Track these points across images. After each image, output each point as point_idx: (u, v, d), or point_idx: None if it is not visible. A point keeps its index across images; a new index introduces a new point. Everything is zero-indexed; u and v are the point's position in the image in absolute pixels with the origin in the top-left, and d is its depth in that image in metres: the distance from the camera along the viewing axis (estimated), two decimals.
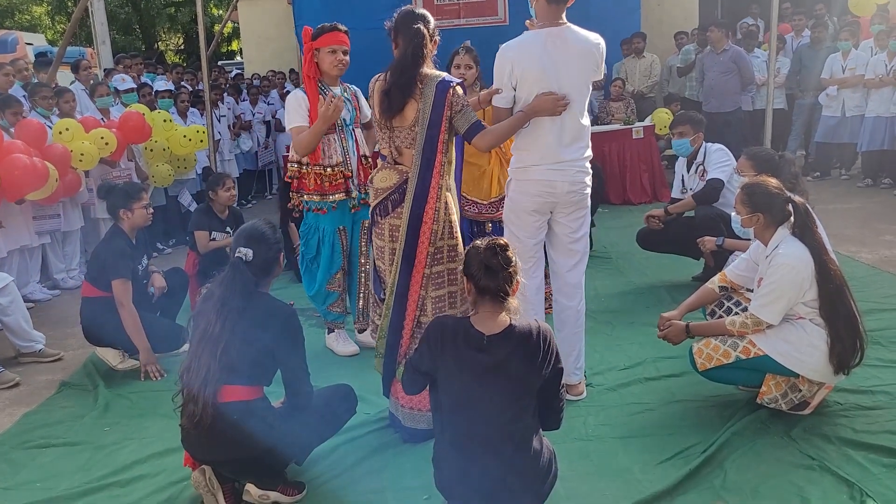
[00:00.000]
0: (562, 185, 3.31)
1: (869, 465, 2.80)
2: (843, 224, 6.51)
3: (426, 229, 3.09)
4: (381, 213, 3.19)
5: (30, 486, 3.06)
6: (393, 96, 3.06)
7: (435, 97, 3.05)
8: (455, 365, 2.41)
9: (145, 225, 4.33)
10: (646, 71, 9.84)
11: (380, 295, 3.28)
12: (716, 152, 5.03)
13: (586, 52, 3.27)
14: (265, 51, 12.91)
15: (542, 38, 3.23)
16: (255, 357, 2.69)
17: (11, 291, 4.34)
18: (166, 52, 26.64)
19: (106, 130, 6.15)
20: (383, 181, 3.19)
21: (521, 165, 3.37)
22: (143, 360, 4.13)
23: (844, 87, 8.42)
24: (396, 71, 3.07)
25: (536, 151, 3.30)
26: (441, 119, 3.07)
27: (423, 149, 3.07)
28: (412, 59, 3.05)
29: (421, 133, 3.07)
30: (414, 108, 3.08)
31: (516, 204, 3.40)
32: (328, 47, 3.93)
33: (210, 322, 2.64)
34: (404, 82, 3.05)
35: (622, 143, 8.46)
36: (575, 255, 3.48)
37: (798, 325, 3.12)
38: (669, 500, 2.68)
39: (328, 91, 3.99)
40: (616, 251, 6.18)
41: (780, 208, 3.13)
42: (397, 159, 3.17)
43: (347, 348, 4.28)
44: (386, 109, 3.09)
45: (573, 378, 3.53)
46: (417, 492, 2.81)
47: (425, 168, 3.08)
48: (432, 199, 3.09)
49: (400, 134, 3.13)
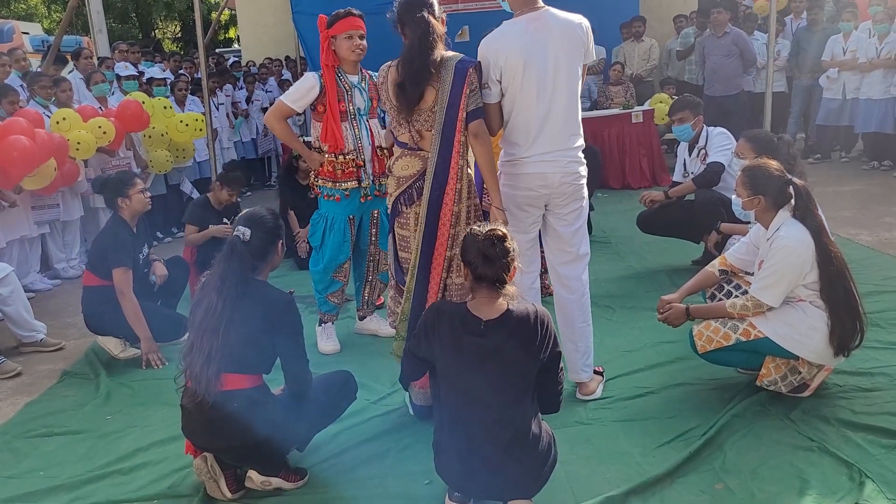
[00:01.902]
0: (554, 176, 3.14)
1: (868, 447, 2.81)
2: (843, 206, 6.51)
3: (447, 210, 3.05)
4: (405, 201, 3.14)
5: (33, 474, 3.08)
6: (407, 88, 3.01)
7: (454, 77, 3.01)
8: (453, 350, 2.42)
9: (145, 210, 4.32)
10: (644, 55, 9.80)
11: (404, 281, 3.21)
12: (717, 136, 5.02)
13: (570, 33, 3.10)
14: (262, 38, 12.85)
15: (523, 25, 3.08)
16: (254, 345, 2.69)
17: (12, 281, 4.34)
18: (163, 40, 26.53)
19: (104, 120, 6.13)
20: (405, 169, 3.14)
21: (511, 158, 3.20)
22: (144, 349, 4.14)
23: (844, 70, 8.40)
24: (407, 63, 3.02)
25: (526, 142, 3.13)
26: (460, 97, 3.02)
27: (442, 128, 3.03)
28: (420, 48, 3.00)
29: (440, 113, 3.03)
30: (433, 93, 3.04)
31: (508, 199, 3.20)
32: (344, 33, 3.87)
33: (212, 302, 2.64)
34: (416, 72, 3.00)
35: (621, 127, 8.44)
36: (573, 249, 3.30)
37: (798, 308, 3.12)
38: (669, 482, 2.69)
39: (345, 80, 3.96)
40: (615, 235, 6.18)
41: (781, 191, 3.12)
42: (419, 143, 3.11)
43: (329, 346, 4.22)
44: (404, 102, 3.04)
45: (583, 375, 3.39)
46: (419, 477, 2.82)
47: (445, 147, 3.04)
48: (452, 179, 3.05)
49: (419, 117, 3.08)
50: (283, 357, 2.76)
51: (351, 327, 4.51)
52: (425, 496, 2.71)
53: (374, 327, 4.42)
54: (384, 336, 4.32)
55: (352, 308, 4.63)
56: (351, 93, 3.96)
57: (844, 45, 8.38)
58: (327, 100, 3.91)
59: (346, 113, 3.95)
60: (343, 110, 3.94)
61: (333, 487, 2.83)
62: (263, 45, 12.62)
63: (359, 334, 4.45)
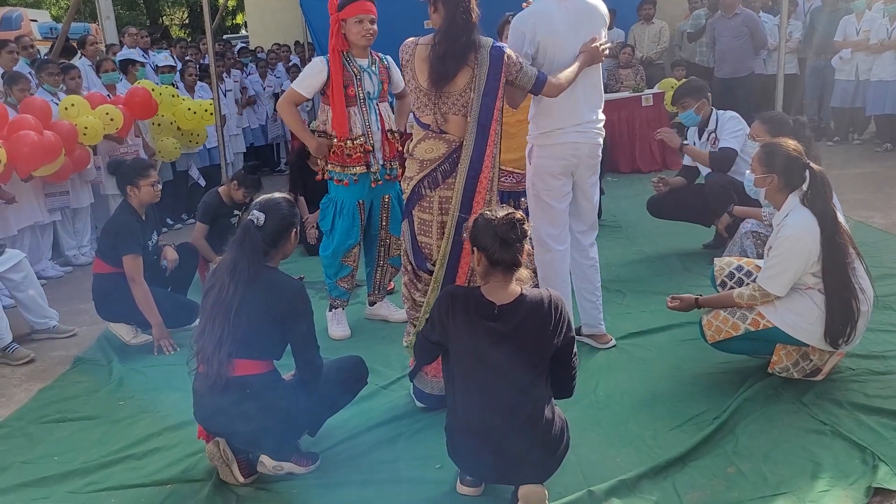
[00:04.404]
0: (584, 146, 3.43)
1: (881, 430, 2.80)
2: (856, 189, 6.45)
3: (479, 199, 3.05)
4: (429, 185, 3.11)
5: (47, 459, 3.10)
6: (448, 64, 2.98)
7: (491, 63, 3.01)
8: (466, 335, 2.41)
9: (153, 202, 4.33)
10: (655, 37, 9.71)
11: (425, 267, 3.19)
12: (729, 120, 4.96)
13: (596, 13, 3.41)
14: (270, 23, 12.81)
15: (555, 5, 3.33)
16: (264, 331, 2.69)
17: (24, 267, 4.37)
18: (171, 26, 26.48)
19: (111, 106, 6.13)
20: (429, 152, 3.11)
21: (546, 130, 3.43)
22: (155, 335, 4.16)
23: (857, 51, 8.30)
24: (449, 38, 2.98)
25: (560, 114, 3.37)
26: (498, 86, 3.03)
27: (478, 116, 3.02)
28: (464, 24, 2.97)
29: (476, 100, 3.02)
30: (467, 75, 3.02)
31: (544, 169, 3.46)
32: (355, 17, 3.82)
33: (224, 285, 2.65)
34: (460, 49, 2.98)
35: (631, 110, 8.39)
36: (588, 217, 3.63)
37: (806, 296, 3.09)
38: (681, 466, 2.69)
39: (354, 64, 3.93)
40: (626, 220, 6.15)
41: (795, 173, 3.08)
42: (443, 127, 3.08)
43: (340, 331, 4.21)
44: (438, 78, 3.01)
45: (601, 327, 3.73)
46: (430, 461, 2.83)
47: (481, 136, 3.03)
48: (486, 167, 3.05)
49: (448, 100, 3.05)
50: (294, 344, 2.76)
51: (361, 313, 4.52)
52: (437, 480, 2.71)
53: (384, 313, 4.42)
54: (394, 321, 4.33)
55: (362, 294, 4.63)
56: (360, 76, 3.93)
57: (858, 26, 8.28)
58: (331, 85, 3.88)
59: (356, 97, 3.92)
60: (352, 94, 3.91)
61: (345, 472, 2.84)
62: (271, 30, 12.60)
63: (369, 319, 4.45)
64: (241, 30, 24.48)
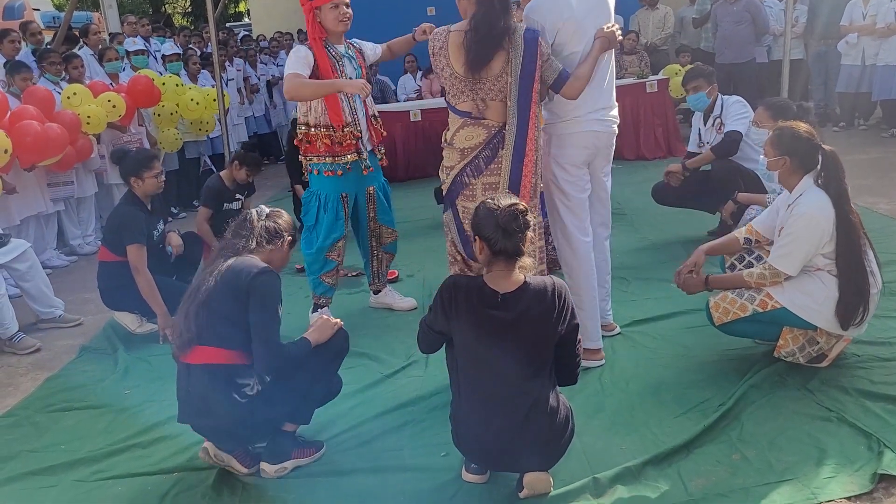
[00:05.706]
0: (602, 135, 3.35)
1: (887, 416, 2.79)
2: (861, 175, 6.42)
3: (526, 183, 3.06)
4: (472, 172, 3.12)
5: (54, 448, 3.12)
6: (485, 49, 2.99)
7: (526, 47, 3.01)
8: (470, 324, 2.41)
9: (156, 193, 4.32)
10: (659, 23, 9.66)
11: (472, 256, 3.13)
12: (734, 105, 4.94)
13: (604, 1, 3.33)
14: (272, 11, 12.76)
15: None
16: (228, 317, 2.62)
17: (29, 257, 4.38)
18: (174, 14, 26.39)
19: (114, 94, 6.13)
20: (469, 139, 3.11)
21: (564, 118, 3.31)
22: (161, 324, 4.16)
23: (864, 35, 8.24)
24: (486, 23, 2.99)
25: (578, 102, 3.24)
26: (535, 69, 3.03)
27: (517, 100, 3.01)
28: (501, 8, 2.98)
29: (514, 84, 3.02)
30: (502, 59, 3.02)
31: (566, 158, 3.33)
32: (330, 3, 3.78)
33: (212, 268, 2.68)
34: (497, 34, 2.99)
35: (636, 97, 8.33)
36: (604, 209, 3.55)
37: (816, 277, 3.08)
38: (686, 453, 2.69)
39: (334, 50, 3.89)
40: (630, 207, 6.13)
41: (808, 154, 3.07)
42: (484, 112, 3.09)
43: None
44: (476, 63, 3.01)
45: (608, 317, 3.68)
46: (435, 449, 2.84)
47: (522, 120, 3.03)
48: (531, 150, 3.06)
49: (484, 86, 3.06)
50: (252, 326, 2.61)
51: (366, 302, 4.52)
52: (442, 468, 2.72)
53: (388, 301, 4.42)
54: (399, 310, 4.33)
55: (366, 283, 4.62)
56: (341, 63, 3.89)
57: (864, 10, 8.21)
58: (321, 73, 3.81)
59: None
60: None
61: (350, 460, 2.84)
62: (273, 18, 12.56)
63: (373, 308, 4.46)
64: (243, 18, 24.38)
